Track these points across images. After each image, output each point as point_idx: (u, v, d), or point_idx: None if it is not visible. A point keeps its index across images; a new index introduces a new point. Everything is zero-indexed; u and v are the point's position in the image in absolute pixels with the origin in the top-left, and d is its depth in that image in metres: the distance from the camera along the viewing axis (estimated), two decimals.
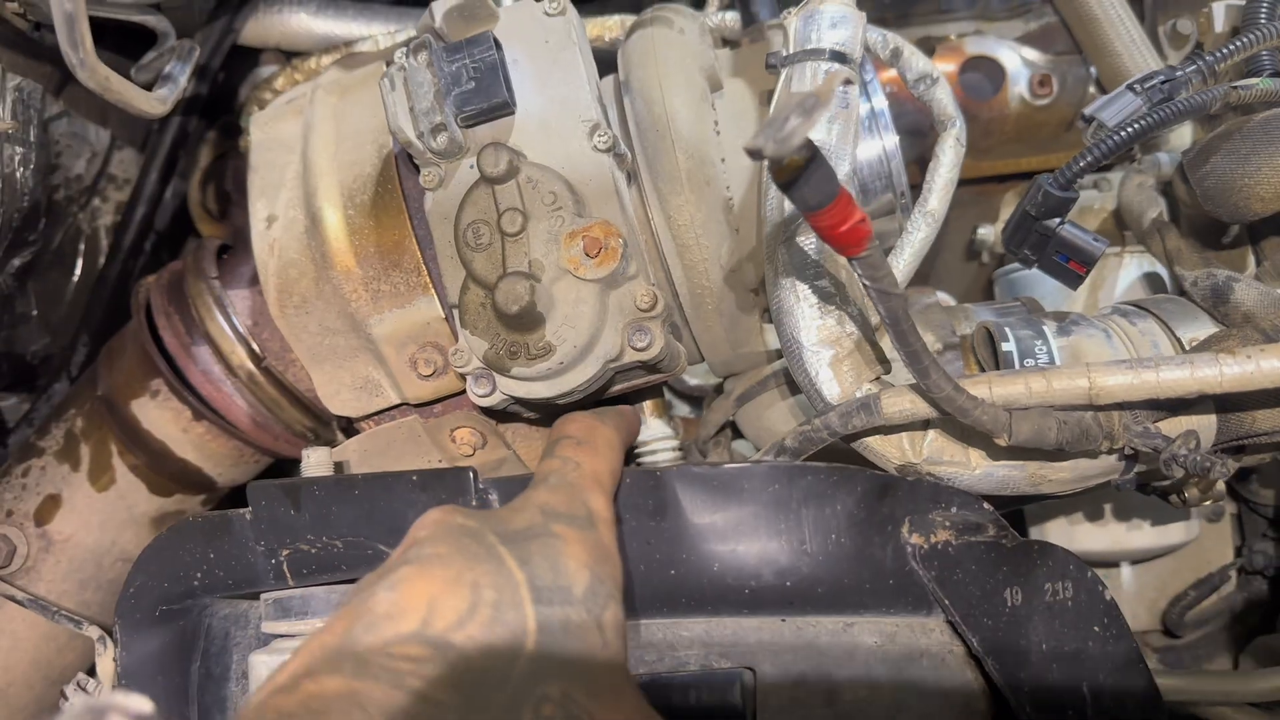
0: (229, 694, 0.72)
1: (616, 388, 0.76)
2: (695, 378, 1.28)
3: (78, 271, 1.21)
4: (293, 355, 0.95)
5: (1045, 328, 0.78)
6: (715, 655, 0.55)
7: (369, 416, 0.83)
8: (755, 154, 0.44)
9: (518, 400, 0.72)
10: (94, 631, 0.85)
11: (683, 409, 1.32)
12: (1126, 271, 1.03)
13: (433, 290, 0.76)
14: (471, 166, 0.72)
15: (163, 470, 0.97)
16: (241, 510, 0.64)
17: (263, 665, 0.67)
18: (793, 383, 0.87)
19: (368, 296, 0.77)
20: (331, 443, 0.99)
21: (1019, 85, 1.19)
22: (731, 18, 0.97)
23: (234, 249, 0.99)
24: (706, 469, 0.57)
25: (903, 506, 0.55)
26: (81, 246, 1.24)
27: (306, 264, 0.78)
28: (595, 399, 0.75)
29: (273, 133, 0.83)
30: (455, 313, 0.72)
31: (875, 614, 0.55)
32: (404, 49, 0.72)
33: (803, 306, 0.69)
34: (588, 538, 0.49)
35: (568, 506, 0.50)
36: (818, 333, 0.69)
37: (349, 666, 0.40)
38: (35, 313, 1.15)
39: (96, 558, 0.98)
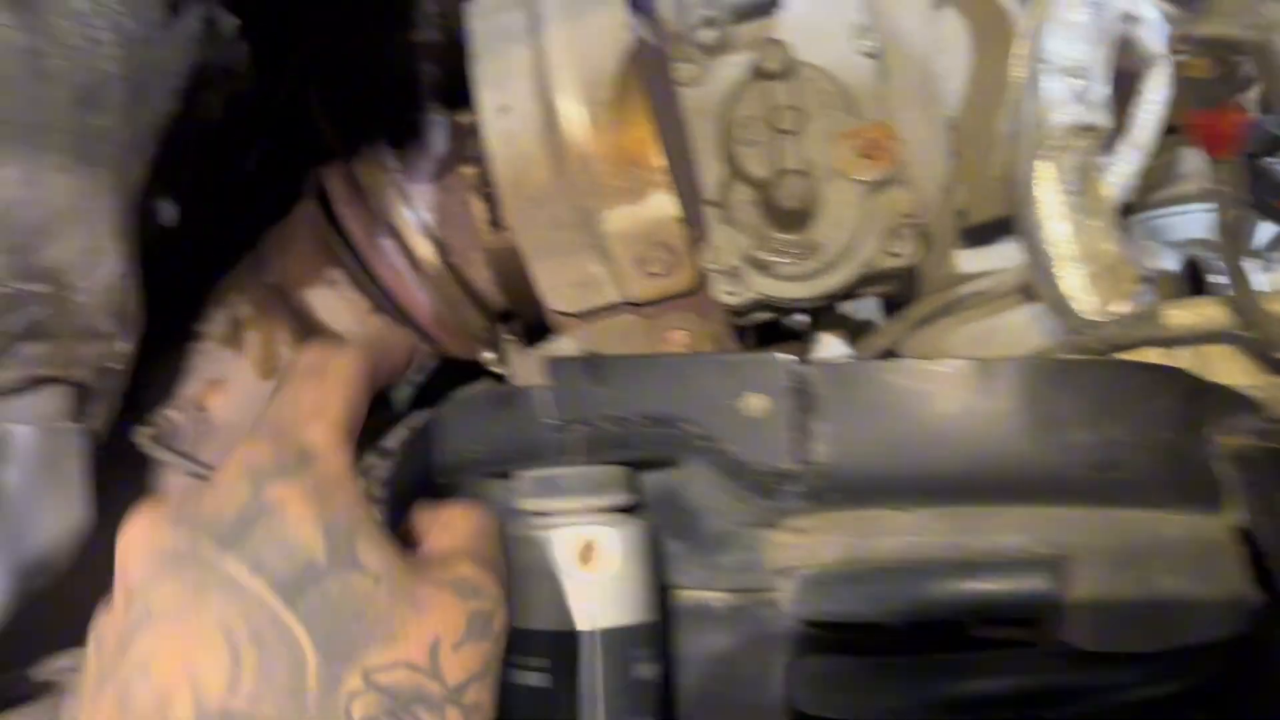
0: None
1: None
2: None
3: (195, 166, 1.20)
4: (473, 254, 0.95)
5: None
6: (1032, 542, 0.58)
7: (584, 313, 0.84)
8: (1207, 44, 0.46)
9: (766, 301, 0.73)
10: None
11: None
12: None
13: (669, 188, 0.77)
14: (735, 64, 0.73)
15: None
16: (530, 385, 0.65)
17: (518, 540, 0.69)
18: (979, 309, 0.90)
19: (603, 191, 0.77)
20: (495, 345, 0.99)
21: None
22: None
23: (407, 142, 0.98)
24: (1039, 361, 0.59)
25: (1212, 408, 0.58)
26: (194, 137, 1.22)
27: (542, 156, 0.78)
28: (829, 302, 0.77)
29: (495, 23, 0.83)
30: (710, 209, 0.73)
31: (1174, 510, 0.59)
32: None
33: (1059, 220, 0.71)
34: (305, 485, 0.43)
35: (275, 455, 0.44)
36: (1077, 246, 0.71)
37: None
38: None
39: None
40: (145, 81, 0.74)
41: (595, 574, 0.67)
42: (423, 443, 0.67)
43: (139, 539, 0.43)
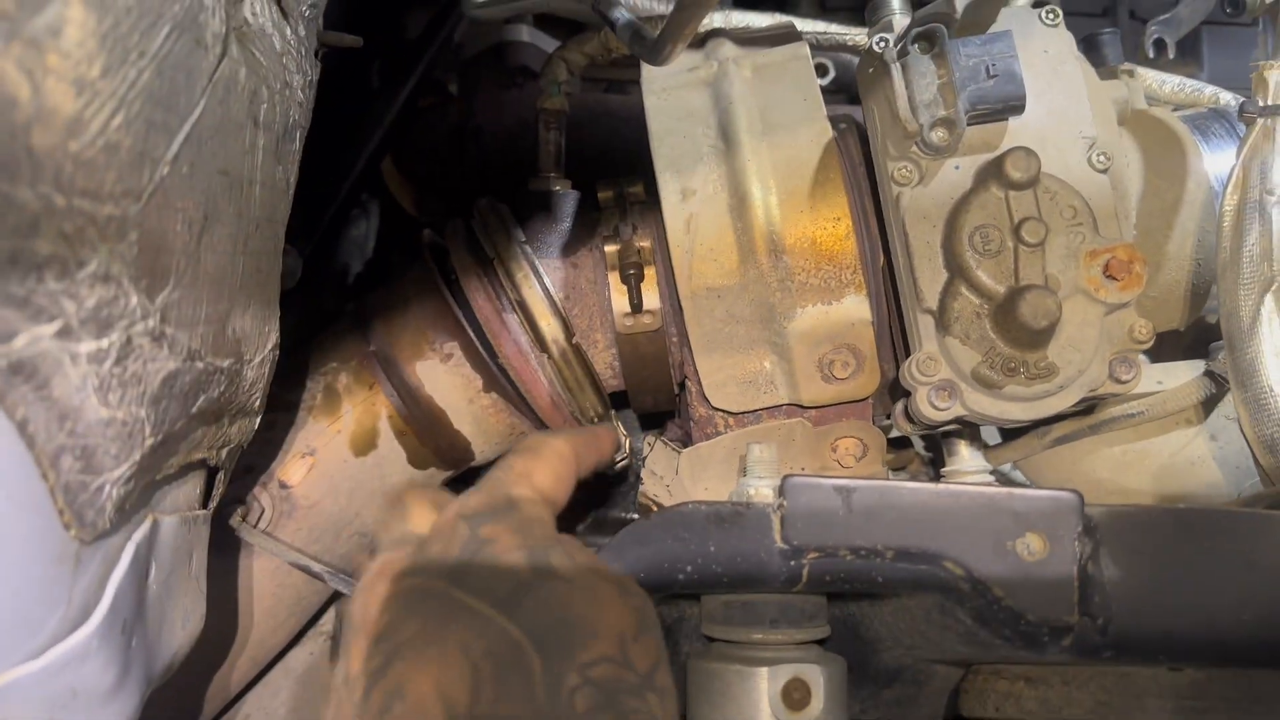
0: None
1: None
2: None
3: None
4: (597, 335, 0.89)
5: None
6: None
7: (745, 413, 0.78)
8: None
9: (975, 419, 0.68)
10: None
11: None
12: None
13: (864, 290, 0.72)
14: (957, 168, 0.68)
15: (430, 441, 0.89)
16: (759, 503, 0.59)
17: (713, 673, 0.62)
18: (1125, 433, 0.86)
19: (792, 287, 0.72)
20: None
21: None
22: None
23: (528, 212, 0.92)
24: None
25: None
26: None
27: (728, 245, 0.73)
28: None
29: (676, 101, 0.77)
30: (926, 318, 0.68)
31: None
32: (903, 38, 0.68)
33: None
34: (511, 520, 0.50)
35: (487, 502, 0.52)
36: None
37: None
38: None
39: (337, 528, 0.89)
40: (306, 126, 0.66)
41: (803, 717, 0.60)
42: (625, 551, 0.60)
43: (376, 592, 0.48)
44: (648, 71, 0.80)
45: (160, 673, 0.58)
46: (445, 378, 0.87)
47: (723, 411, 0.77)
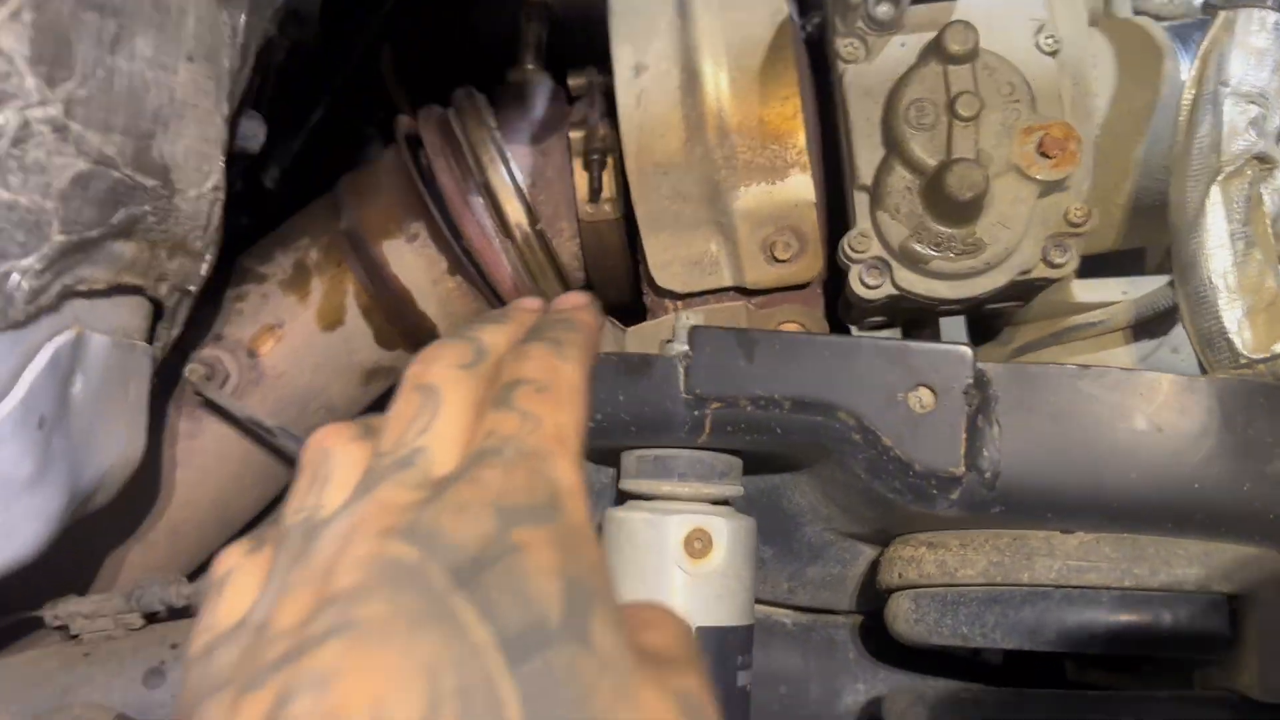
0: None
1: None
2: None
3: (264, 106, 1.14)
4: (563, 224, 0.90)
5: None
6: (1211, 578, 0.53)
7: (691, 295, 0.79)
8: None
9: (901, 299, 0.69)
10: None
11: None
12: None
13: (809, 170, 0.72)
14: (903, 45, 0.68)
15: (397, 320, 0.91)
16: (670, 354, 0.60)
17: (622, 521, 0.63)
18: (1088, 341, 0.86)
19: (737, 166, 0.73)
20: None
21: None
22: None
23: (504, 102, 0.93)
24: (1248, 382, 0.55)
25: None
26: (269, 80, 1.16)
27: (676, 122, 0.74)
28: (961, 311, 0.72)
29: None
30: (861, 195, 0.68)
31: None
32: None
33: (1225, 251, 0.67)
34: (554, 534, 0.35)
35: (528, 495, 0.36)
36: (1237, 280, 0.67)
37: None
38: None
39: (302, 401, 0.92)
40: None
41: (703, 567, 0.62)
42: None
43: (363, 549, 0.35)
44: None
45: (88, 487, 0.61)
46: (411, 258, 0.89)
47: (670, 294, 0.78)
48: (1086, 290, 0.88)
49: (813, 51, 0.80)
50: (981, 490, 0.55)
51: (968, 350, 0.55)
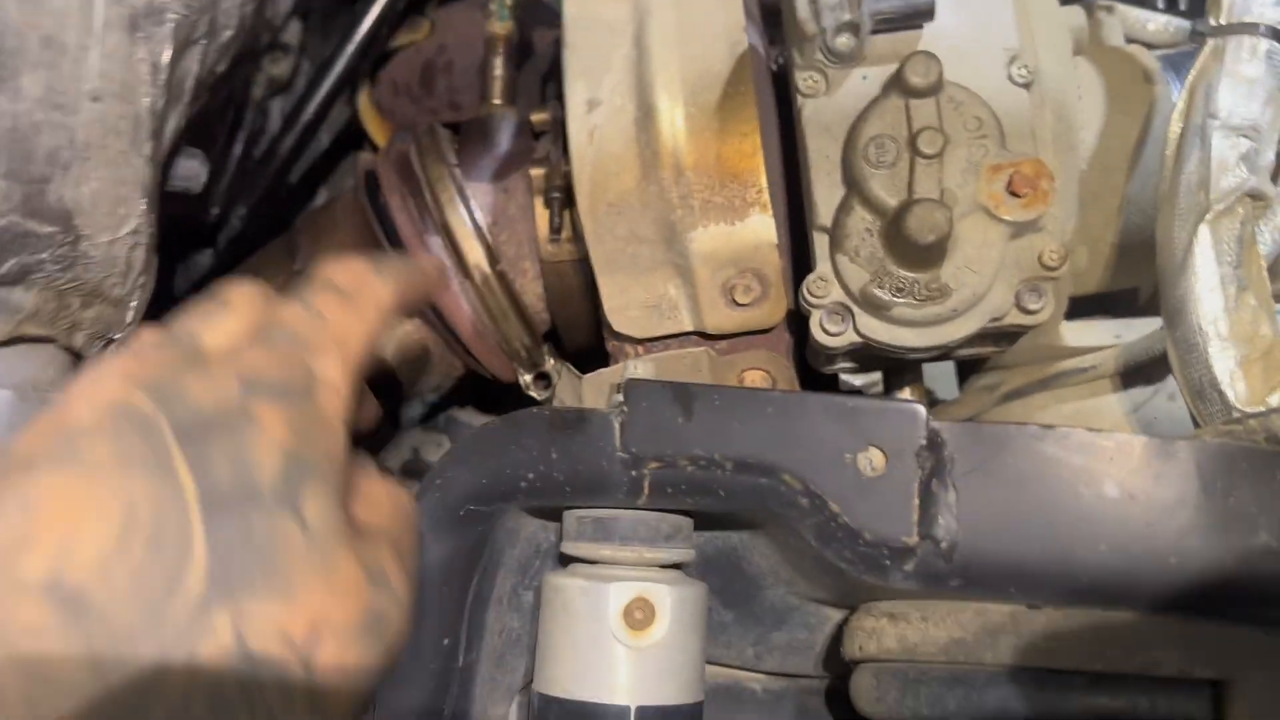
0: (487, 620, 0.64)
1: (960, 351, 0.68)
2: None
3: (239, 142, 1.12)
4: (526, 264, 0.86)
5: None
6: (1192, 663, 0.48)
7: (649, 340, 0.74)
8: None
9: (865, 347, 0.64)
10: None
11: None
12: None
13: (770, 210, 0.68)
14: (865, 78, 0.64)
15: None
16: (604, 409, 0.56)
17: (559, 588, 0.59)
18: (1080, 387, 0.81)
19: (695, 205, 0.69)
20: (539, 365, 0.90)
21: None
22: None
23: (466, 138, 0.90)
24: (1229, 446, 0.50)
25: None
26: (246, 114, 1.14)
27: (631, 159, 0.70)
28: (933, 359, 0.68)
29: (592, 11, 0.74)
30: (819, 236, 0.64)
31: None
32: None
33: (1216, 295, 0.62)
34: (294, 412, 0.39)
35: (281, 372, 0.40)
36: (1229, 327, 0.62)
37: None
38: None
39: None
40: (198, 18, 0.65)
41: (644, 640, 0.57)
42: (465, 459, 0.57)
43: (108, 383, 0.38)
44: None
45: None
46: None
47: (629, 339, 0.74)
48: (1077, 334, 0.83)
49: (781, 85, 0.76)
50: (938, 562, 0.50)
51: (921, 408, 0.50)
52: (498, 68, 0.95)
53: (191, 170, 0.73)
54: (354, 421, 0.42)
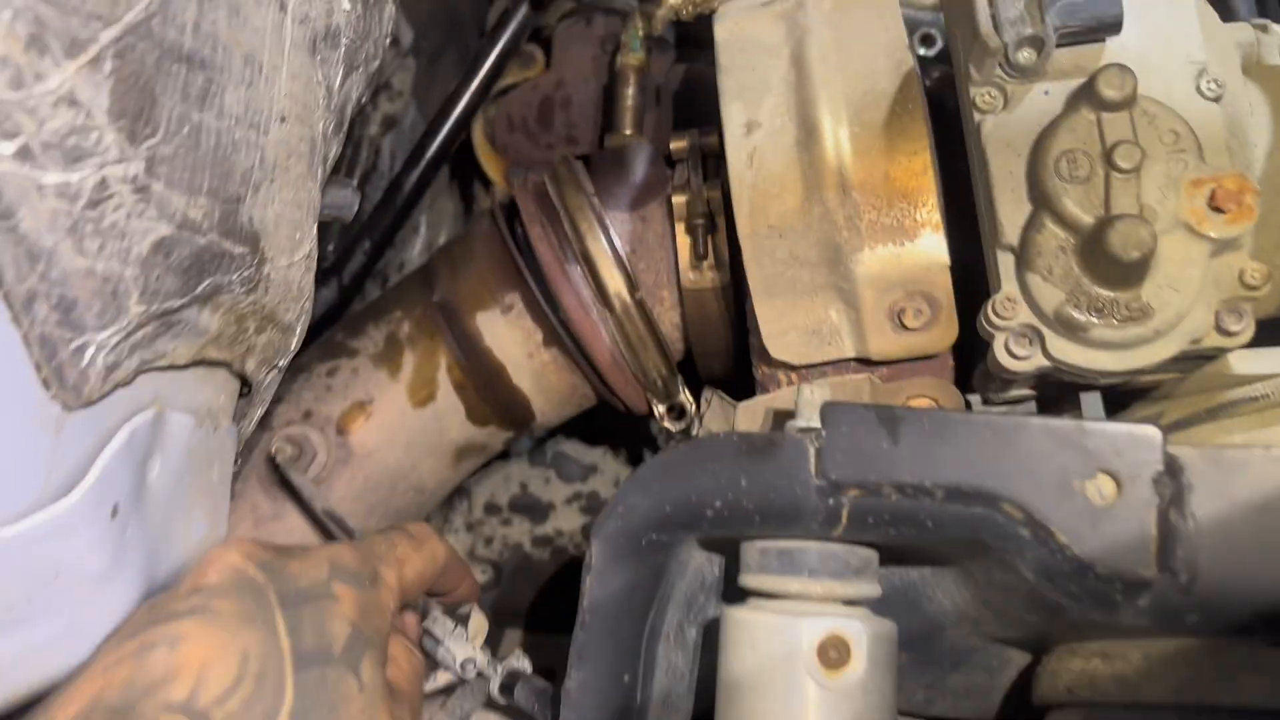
0: (657, 657, 0.61)
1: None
2: None
3: (356, 176, 1.12)
4: (664, 293, 0.85)
5: None
6: None
7: (806, 367, 0.72)
8: None
9: (1057, 370, 0.61)
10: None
11: None
12: None
13: (942, 230, 0.66)
14: (1046, 92, 0.62)
15: (489, 395, 0.86)
16: (797, 434, 0.53)
17: (744, 624, 0.56)
18: (1250, 418, 0.77)
19: (861, 227, 0.66)
20: (673, 396, 0.88)
21: None
22: None
23: (601, 168, 0.89)
24: None
25: None
26: (363, 152, 1.15)
27: (793, 180, 0.68)
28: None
29: (747, 32, 0.73)
30: (1004, 256, 0.61)
31: None
32: None
33: None
34: (362, 596, 0.53)
35: (357, 566, 0.55)
36: None
37: None
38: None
39: (392, 481, 0.87)
40: (360, 45, 0.65)
41: (840, 680, 0.54)
42: (650, 486, 0.55)
43: (230, 559, 0.51)
44: (723, 6, 0.76)
45: (165, 579, 0.56)
46: (505, 330, 0.85)
47: (785, 365, 0.72)
48: (1244, 361, 0.79)
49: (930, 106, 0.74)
50: (1176, 596, 0.47)
51: (1156, 431, 0.47)
52: (629, 98, 0.95)
53: (345, 199, 0.73)
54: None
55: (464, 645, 0.65)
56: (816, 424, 0.53)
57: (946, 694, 0.67)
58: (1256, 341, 0.86)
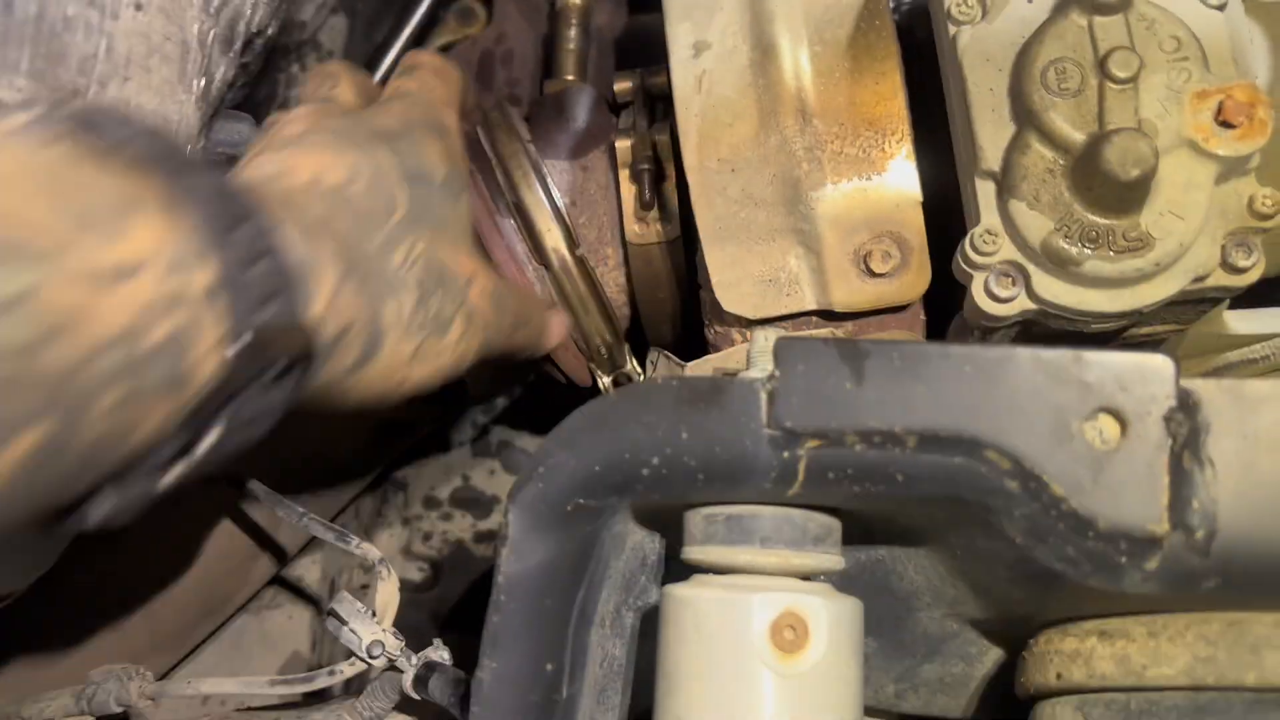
0: (589, 645, 0.53)
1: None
2: None
3: None
4: (607, 249, 0.77)
5: None
6: None
7: (762, 322, 0.64)
8: None
9: (1044, 314, 0.54)
10: (373, 553, 0.64)
11: None
12: None
13: (914, 160, 0.59)
14: (1030, 1, 0.55)
15: None
16: (745, 376, 0.45)
17: (686, 601, 0.48)
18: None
19: (823, 159, 0.59)
20: (620, 366, 0.80)
21: None
22: None
23: (540, 114, 0.81)
24: None
25: None
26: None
27: (747, 107, 0.60)
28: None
29: None
30: (983, 184, 0.54)
31: None
32: None
33: None
34: (444, 143, 0.56)
35: (426, 118, 0.57)
36: None
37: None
38: None
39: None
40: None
41: (796, 665, 0.46)
42: (574, 442, 0.47)
43: (304, 111, 0.53)
44: None
45: None
46: None
47: (738, 321, 0.64)
48: (1243, 321, 0.73)
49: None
50: (1191, 557, 0.39)
51: (1168, 361, 0.40)
52: (571, 41, 0.87)
53: (240, 134, 0.64)
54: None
55: (370, 626, 0.57)
56: (770, 368, 0.46)
57: (920, 687, 0.60)
58: (1256, 303, 0.79)
